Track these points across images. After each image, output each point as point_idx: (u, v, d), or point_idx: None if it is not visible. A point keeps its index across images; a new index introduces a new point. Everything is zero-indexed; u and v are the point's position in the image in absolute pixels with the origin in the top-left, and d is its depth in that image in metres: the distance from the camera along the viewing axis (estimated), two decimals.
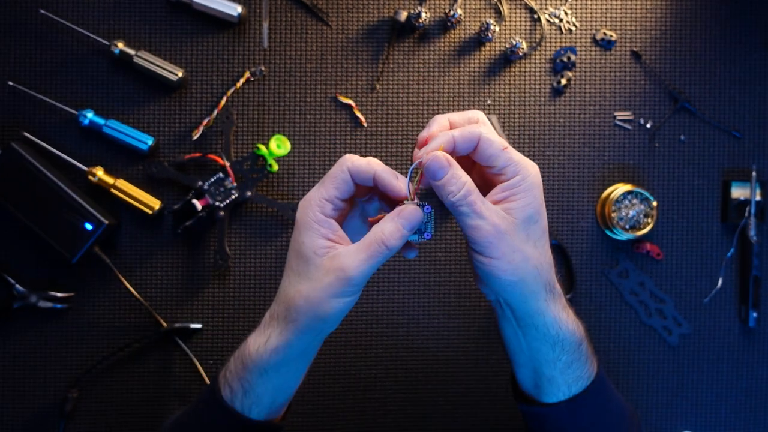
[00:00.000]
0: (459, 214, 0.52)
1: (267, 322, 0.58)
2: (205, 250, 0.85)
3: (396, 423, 0.86)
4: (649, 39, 0.87)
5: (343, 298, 0.53)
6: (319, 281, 0.53)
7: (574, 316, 0.59)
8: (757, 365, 0.88)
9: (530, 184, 0.53)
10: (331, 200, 0.53)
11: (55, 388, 0.84)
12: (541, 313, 0.56)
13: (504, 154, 0.53)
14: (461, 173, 0.52)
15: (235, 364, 0.59)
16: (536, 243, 0.54)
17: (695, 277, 0.88)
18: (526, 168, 0.53)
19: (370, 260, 0.52)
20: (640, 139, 0.88)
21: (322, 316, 0.54)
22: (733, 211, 0.87)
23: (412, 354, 0.87)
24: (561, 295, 0.57)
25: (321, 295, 0.53)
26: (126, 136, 0.82)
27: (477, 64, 0.87)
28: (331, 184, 0.53)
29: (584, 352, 0.59)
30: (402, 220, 0.52)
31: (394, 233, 0.52)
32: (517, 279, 0.53)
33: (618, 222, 0.84)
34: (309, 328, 0.55)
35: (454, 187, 0.51)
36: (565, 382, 0.59)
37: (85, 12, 0.84)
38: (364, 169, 0.53)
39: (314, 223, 0.53)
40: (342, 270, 0.52)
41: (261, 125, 0.86)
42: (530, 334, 0.57)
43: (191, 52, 0.85)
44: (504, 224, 0.52)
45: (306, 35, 0.86)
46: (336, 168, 0.54)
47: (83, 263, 0.83)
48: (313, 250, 0.53)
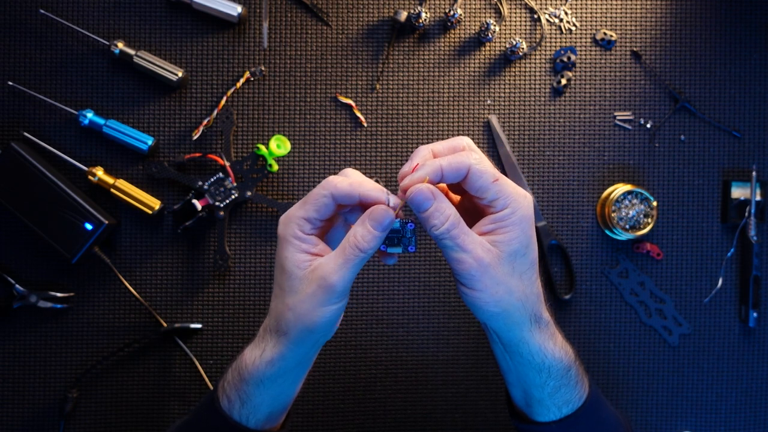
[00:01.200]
0: (443, 246, 0.52)
1: (261, 335, 0.59)
2: (205, 250, 0.85)
3: (396, 423, 0.86)
4: (649, 39, 0.87)
5: (328, 306, 0.54)
6: (303, 293, 0.53)
7: (563, 342, 0.59)
8: (757, 365, 0.88)
9: (520, 217, 0.52)
10: (311, 220, 0.54)
11: (55, 388, 0.84)
12: (525, 342, 0.56)
13: (494, 187, 0.52)
14: (446, 206, 0.51)
15: (233, 375, 0.60)
16: (522, 276, 0.53)
17: (695, 277, 0.88)
18: (517, 201, 0.52)
19: (347, 264, 0.52)
20: (640, 139, 0.88)
21: (310, 326, 0.54)
22: (733, 211, 0.87)
23: (412, 354, 0.87)
24: (549, 323, 0.57)
25: (307, 306, 0.53)
26: (126, 136, 0.82)
27: (477, 64, 0.87)
28: (312, 206, 0.54)
29: (573, 377, 0.59)
30: (372, 222, 0.52)
31: (366, 235, 0.52)
32: (500, 310, 0.53)
33: (618, 222, 0.84)
34: (300, 340, 0.56)
35: (438, 221, 0.51)
36: (555, 405, 0.60)
37: (85, 12, 0.84)
38: (347, 193, 0.53)
39: (294, 239, 0.54)
40: (323, 278, 0.52)
41: (261, 125, 0.86)
42: (516, 360, 0.58)
43: (191, 52, 0.85)
44: (488, 257, 0.52)
45: (306, 35, 0.86)
46: (318, 190, 0.54)
47: (83, 263, 0.83)
48: (296, 265, 0.54)
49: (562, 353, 0.58)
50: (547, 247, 0.86)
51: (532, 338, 0.56)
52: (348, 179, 0.54)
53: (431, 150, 0.54)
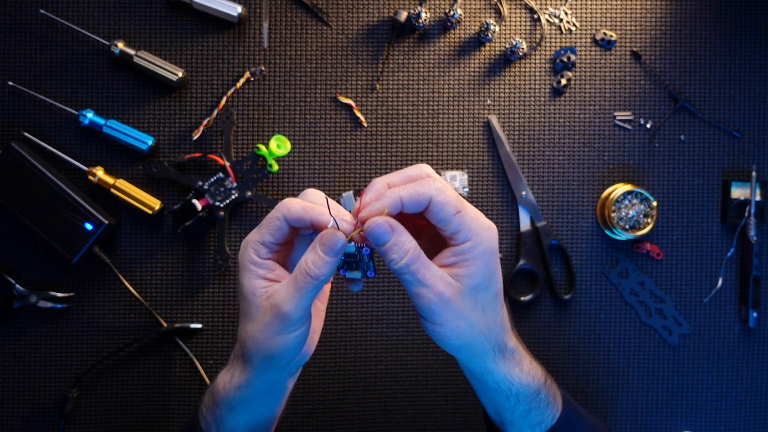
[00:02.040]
0: (402, 280, 0.51)
1: (232, 360, 0.58)
2: (205, 250, 0.85)
3: (396, 423, 0.86)
4: (649, 39, 0.87)
5: (286, 335, 0.52)
6: (260, 321, 0.52)
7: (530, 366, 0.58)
8: (757, 365, 0.88)
9: (482, 251, 0.50)
10: (266, 244, 0.52)
11: (55, 388, 0.84)
12: (489, 371, 0.55)
13: (456, 219, 0.50)
14: (405, 240, 0.49)
15: (208, 398, 0.59)
16: (485, 309, 0.52)
17: (695, 277, 0.88)
18: (479, 234, 0.50)
19: (300, 293, 0.50)
20: (640, 139, 0.88)
21: (270, 354, 0.53)
22: (733, 211, 0.87)
23: (412, 354, 0.87)
24: (515, 350, 0.56)
25: (264, 334, 0.52)
26: (126, 136, 0.82)
27: (477, 64, 0.87)
28: (266, 230, 0.52)
29: (543, 399, 0.59)
30: (322, 247, 0.50)
31: (317, 261, 0.50)
32: (462, 343, 0.53)
33: (618, 222, 0.84)
34: (264, 368, 0.54)
35: (396, 255, 0.49)
36: (527, 426, 0.59)
37: (85, 12, 0.84)
38: (299, 216, 0.51)
39: (251, 264, 0.52)
40: (276, 307, 0.51)
41: (261, 125, 0.86)
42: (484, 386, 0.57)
43: (191, 52, 0.85)
44: (449, 291, 0.50)
45: (306, 35, 0.86)
46: (272, 213, 0.52)
47: (83, 263, 0.83)
48: (252, 291, 0.52)
49: (530, 378, 0.57)
50: (547, 247, 0.86)
51: (497, 368, 0.55)
52: (302, 202, 0.52)
53: (387, 183, 0.51)
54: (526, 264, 0.86)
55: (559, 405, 0.61)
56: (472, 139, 0.87)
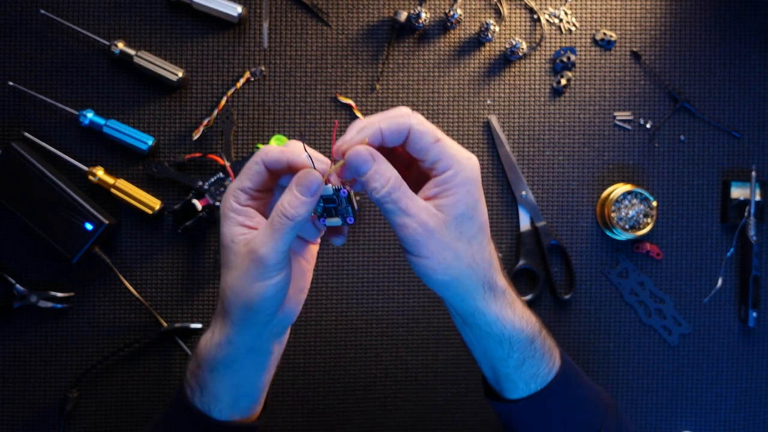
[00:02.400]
0: (385, 211, 0.50)
1: (213, 318, 0.57)
2: (205, 250, 0.85)
3: (396, 423, 0.86)
4: (648, 39, 0.87)
5: (263, 282, 0.51)
6: (238, 268, 0.51)
7: (523, 311, 0.56)
8: (756, 365, 0.88)
9: (463, 179, 0.50)
10: (245, 190, 0.52)
11: (55, 388, 0.84)
12: (480, 311, 0.54)
13: (435, 147, 0.49)
14: (386, 168, 0.49)
15: (192, 362, 0.58)
16: (471, 240, 0.51)
17: (695, 277, 0.88)
18: (459, 162, 0.50)
19: (276, 235, 0.49)
20: (639, 139, 0.88)
21: (249, 304, 0.52)
22: (732, 211, 0.87)
23: (412, 354, 0.87)
24: (505, 290, 0.55)
25: (243, 282, 0.51)
26: (126, 136, 0.82)
27: (477, 64, 0.87)
28: (245, 175, 0.52)
29: (538, 349, 0.57)
30: (298, 187, 0.49)
31: (293, 201, 0.49)
32: (449, 278, 0.52)
33: (618, 222, 0.84)
34: (243, 321, 0.54)
35: (378, 184, 0.49)
36: (522, 380, 0.58)
37: (85, 12, 0.84)
38: (277, 158, 0.51)
39: (230, 212, 0.52)
40: (253, 251, 0.50)
41: (261, 125, 0.86)
42: (476, 333, 0.56)
43: (191, 52, 0.85)
44: (433, 222, 0.49)
45: (306, 35, 0.86)
46: (251, 159, 0.52)
47: (83, 263, 0.83)
48: (231, 239, 0.52)
49: (523, 323, 0.55)
50: (547, 247, 0.86)
51: (487, 307, 0.54)
52: (280, 147, 0.52)
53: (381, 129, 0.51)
54: (526, 264, 0.86)
55: (556, 360, 0.59)
56: (472, 139, 0.87)
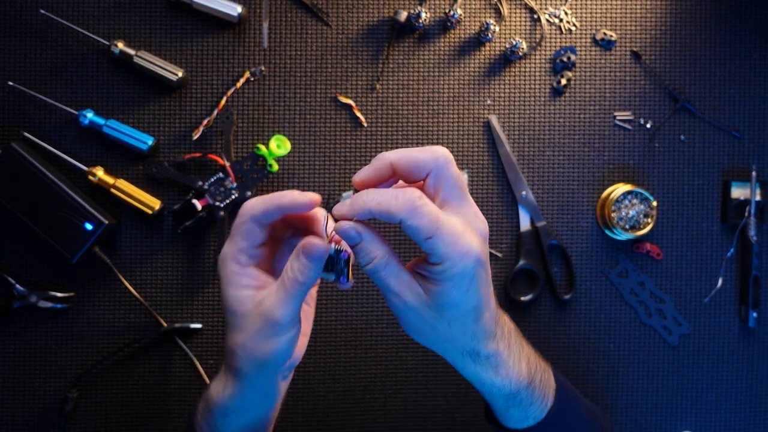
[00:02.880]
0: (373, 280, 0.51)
1: (223, 370, 0.58)
2: (205, 250, 0.85)
3: (396, 423, 0.86)
4: (649, 39, 0.87)
5: (277, 338, 0.52)
6: (249, 329, 0.52)
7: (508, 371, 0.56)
8: (757, 365, 0.88)
9: (452, 275, 0.49)
10: (244, 251, 0.52)
11: (55, 388, 0.84)
12: (459, 369, 0.56)
13: (426, 244, 0.48)
14: (372, 247, 0.50)
15: (202, 406, 0.60)
16: (450, 323, 0.51)
17: (695, 277, 0.88)
18: (451, 260, 0.48)
19: (289, 298, 0.51)
20: (640, 139, 0.88)
21: (262, 360, 0.53)
22: (733, 211, 0.87)
23: (412, 354, 0.87)
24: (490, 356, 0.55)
25: (255, 342, 0.52)
26: (126, 136, 0.82)
27: (477, 64, 0.87)
28: (237, 236, 0.52)
29: (524, 399, 0.58)
30: (304, 255, 0.50)
31: (302, 269, 0.50)
32: (427, 344, 0.54)
33: (618, 222, 0.84)
34: (256, 375, 0.55)
35: (362, 260, 0.50)
36: (513, 418, 0.60)
37: (85, 12, 0.84)
38: (263, 209, 0.51)
39: (232, 276, 0.52)
40: (267, 314, 0.51)
41: (261, 125, 0.86)
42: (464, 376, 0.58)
43: (191, 52, 0.85)
44: (416, 301, 0.50)
45: (306, 35, 0.86)
46: (238, 219, 0.52)
47: (83, 263, 0.83)
48: (238, 302, 0.52)
49: (505, 381, 0.56)
50: (547, 247, 0.86)
51: (466, 369, 0.55)
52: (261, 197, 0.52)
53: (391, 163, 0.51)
54: (526, 264, 0.86)
55: (548, 401, 0.61)
56: (472, 139, 0.87)
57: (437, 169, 0.50)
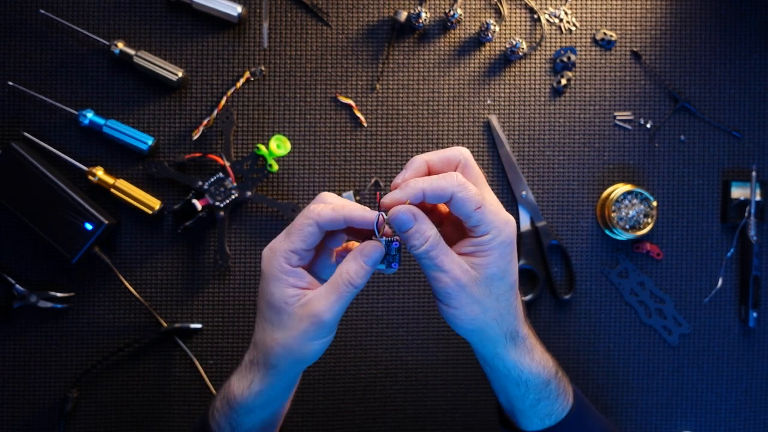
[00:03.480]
0: (422, 265, 0.53)
1: (248, 366, 0.59)
2: (205, 250, 0.85)
3: (396, 423, 0.86)
4: (649, 39, 0.87)
5: (320, 340, 0.54)
6: (294, 329, 0.53)
7: (541, 356, 0.59)
8: (757, 365, 0.88)
9: (499, 243, 0.52)
10: (298, 252, 0.53)
11: (55, 388, 0.84)
12: (500, 357, 0.57)
13: (475, 215, 0.52)
14: (426, 227, 0.52)
15: (221, 403, 0.61)
16: (499, 297, 0.54)
17: (695, 277, 0.88)
18: (498, 228, 0.52)
19: (340, 301, 0.52)
20: (640, 139, 0.88)
21: (301, 359, 0.55)
22: (733, 211, 0.87)
23: (412, 354, 0.87)
24: (526, 338, 0.58)
25: (298, 341, 0.53)
26: (126, 136, 0.82)
27: (477, 64, 0.87)
28: (297, 236, 0.53)
29: (553, 390, 0.60)
30: (364, 258, 0.52)
31: (359, 271, 0.52)
32: (474, 327, 0.55)
33: (618, 222, 0.84)
34: (289, 371, 0.57)
35: (417, 242, 0.52)
36: (537, 416, 0.61)
37: (85, 12, 0.84)
38: (332, 218, 0.52)
39: (281, 273, 0.53)
40: (315, 315, 0.52)
41: (261, 125, 0.86)
42: (495, 373, 0.59)
43: (191, 52, 0.85)
44: (465, 278, 0.53)
45: (306, 35, 0.86)
46: (302, 220, 0.53)
47: (83, 263, 0.83)
48: (284, 300, 0.53)
49: (540, 368, 0.59)
50: (547, 247, 0.86)
51: (507, 354, 0.57)
52: (329, 204, 0.53)
53: (426, 161, 0.54)
54: (526, 264, 0.86)
55: (570, 399, 0.63)
56: (472, 139, 0.87)
57: (464, 161, 0.54)
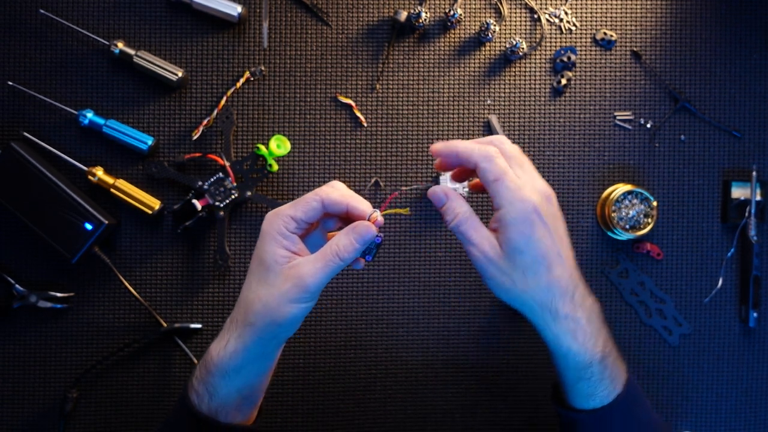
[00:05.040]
0: (458, 237, 0.59)
1: (228, 326, 0.61)
2: (205, 250, 0.85)
3: (396, 423, 0.86)
4: (649, 39, 0.87)
5: (298, 304, 0.57)
6: (277, 287, 0.57)
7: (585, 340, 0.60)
8: (757, 365, 0.88)
9: (512, 219, 0.56)
10: (297, 220, 0.58)
11: (55, 388, 0.84)
12: (541, 328, 0.61)
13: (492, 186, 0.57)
14: (456, 205, 0.59)
15: (200, 370, 0.63)
16: (525, 271, 0.57)
17: (695, 277, 0.88)
18: (511, 203, 0.56)
19: (325, 270, 0.57)
20: (640, 139, 0.87)
21: (278, 320, 0.57)
22: (733, 211, 0.87)
23: (411, 354, 0.87)
24: (569, 318, 0.59)
25: (279, 300, 0.57)
26: (126, 136, 0.82)
27: (477, 64, 0.87)
28: (302, 207, 0.58)
29: (595, 374, 0.62)
30: (355, 235, 0.57)
31: (348, 246, 0.57)
32: (508, 298, 0.59)
33: (618, 222, 0.84)
34: (265, 332, 0.59)
35: (449, 217, 0.59)
36: (578, 394, 0.63)
37: (85, 12, 0.84)
38: (337, 201, 0.58)
39: (278, 235, 0.57)
40: (299, 278, 0.56)
41: (261, 125, 0.86)
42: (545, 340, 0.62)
43: (191, 52, 0.85)
44: (492, 252, 0.58)
45: (306, 35, 0.86)
46: (311, 195, 0.58)
47: (83, 263, 0.83)
48: (275, 259, 0.57)
49: (582, 349, 0.60)
50: None
51: (547, 327, 0.60)
52: (338, 190, 0.59)
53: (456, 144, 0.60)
54: None
55: (618, 386, 0.63)
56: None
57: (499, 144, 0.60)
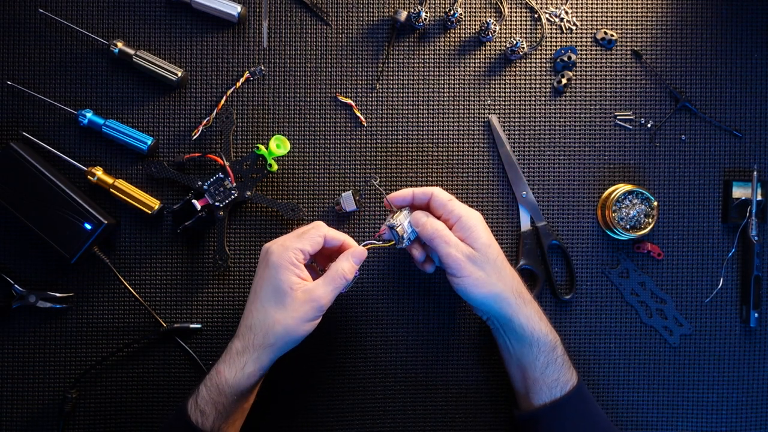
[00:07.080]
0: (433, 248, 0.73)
1: (239, 352, 0.70)
2: (205, 250, 0.85)
3: (396, 423, 0.86)
4: (649, 38, 0.87)
5: (313, 322, 0.69)
6: (295, 310, 0.68)
7: (547, 323, 0.75)
8: (758, 365, 0.88)
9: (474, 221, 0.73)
10: (305, 252, 0.70)
11: (55, 388, 0.84)
12: (515, 315, 0.73)
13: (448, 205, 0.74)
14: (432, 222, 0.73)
15: (209, 391, 0.69)
16: (494, 261, 0.72)
17: (696, 277, 0.88)
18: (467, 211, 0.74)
19: (335, 291, 0.70)
20: (640, 138, 0.87)
21: (296, 337, 0.69)
22: (734, 211, 0.87)
23: (412, 354, 0.87)
24: (532, 302, 0.75)
25: (297, 321, 0.68)
26: (125, 136, 0.82)
27: (477, 64, 0.86)
28: (308, 242, 0.70)
29: (559, 356, 0.74)
30: (355, 258, 0.72)
31: (350, 268, 0.71)
32: (486, 291, 0.71)
33: (618, 222, 0.84)
34: (282, 350, 0.70)
35: (426, 232, 0.73)
36: (546, 384, 0.73)
37: (85, 12, 0.84)
38: (335, 237, 0.73)
39: (290, 265, 0.69)
40: (316, 300, 0.68)
41: (261, 125, 0.85)
42: (511, 338, 0.75)
43: (191, 52, 0.85)
44: (467, 251, 0.72)
45: (306, 35, 0.86)
46: (314, 231, 0.71)
47: (83, 263, 0.83)
48: (290, 286, 0.68)
49: (548, 329, 0.74)
50: (547, 247, 0.86)
51: (519, 311, 0.73)
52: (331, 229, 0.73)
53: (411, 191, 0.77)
54: (526, 264, 0.86)
55: (573, 375, 0.75)
56: (472, 139, 0.87)
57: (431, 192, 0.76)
